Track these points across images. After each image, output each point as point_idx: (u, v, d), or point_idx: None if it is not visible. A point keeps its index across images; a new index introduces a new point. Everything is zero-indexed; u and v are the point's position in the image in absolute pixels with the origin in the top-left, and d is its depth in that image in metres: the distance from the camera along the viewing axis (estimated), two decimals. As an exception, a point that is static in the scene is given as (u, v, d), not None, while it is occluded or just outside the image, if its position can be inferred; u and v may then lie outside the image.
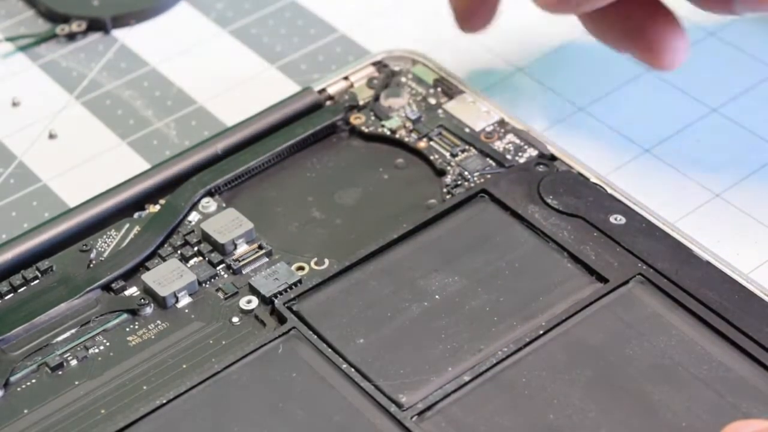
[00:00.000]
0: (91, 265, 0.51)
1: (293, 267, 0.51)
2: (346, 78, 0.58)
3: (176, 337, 0.49)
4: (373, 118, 0.57)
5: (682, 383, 0.46)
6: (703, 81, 0.59)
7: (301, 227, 0.53)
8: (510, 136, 0.55)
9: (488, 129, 0.56)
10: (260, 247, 0.52)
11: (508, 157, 0.54)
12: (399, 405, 0.45)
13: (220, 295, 0.50)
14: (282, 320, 0.49)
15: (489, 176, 0.53)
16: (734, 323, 0.47)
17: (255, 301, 0.50)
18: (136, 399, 0.47)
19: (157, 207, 0.54)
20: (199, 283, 0.50)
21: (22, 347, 0.49)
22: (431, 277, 0.50)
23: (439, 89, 0.58)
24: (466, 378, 0.46)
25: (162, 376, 0.47)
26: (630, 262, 0.49)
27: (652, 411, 0.45)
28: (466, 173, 0.54)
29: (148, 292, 0.50)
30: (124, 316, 0.50)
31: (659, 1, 0.52)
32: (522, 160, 0.54)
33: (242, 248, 0.52)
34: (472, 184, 0.53)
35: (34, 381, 0.48)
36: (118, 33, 0.64)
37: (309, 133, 0.56)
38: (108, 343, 0.49)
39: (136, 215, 0.53)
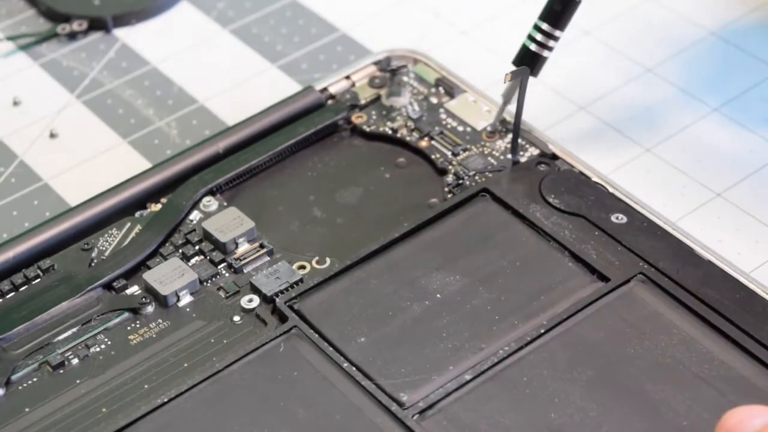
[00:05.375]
0: (93, 264, 0.51)
1: (294, 266, 0.51)
2: (347, 77, 0.58)
3: (177, 335, 0.49)
4: (374, 117, 0.57)
5: (683, 382, 0.46)
6: (703, 81, 0.59)
7: (303, 226, 0.53)
8: (511, 136, 0.55)
9: (489, 128, 0.56)
10: (261, 246, 0.52)
11: (509, 156, 0.54)
12: (400, 404, 0.45)
13: (222, 293, 0.50)
14: (283, 319, 0.49)
15: (490, 175, 0.54)
16: (735, 322, 0.47)
17: (256, 300, 0.50)
18: (138, 398, 0.47)
19: (159, 206, 0.54)
20: (201, 282, 0.50)
21: (24, 346, 0.49)
22: (432, 276, 0.50)
23: (440, 88, 0.58)
24: (468, 377, 0.46)
25: (163, 375, 0.47)
26: (631, 261, 0.49)
27: (654, 410, 0.45)
28: (467, 172, 0.54)
29: (149, 290, 0.50)
30: (126, 314, 0.50)
31: None
32: (523, 159, 0.54)
33: (243, 247, 0.52)
34: (474, 183, 0.53)
35: (35, 380, 0.48)
36: (119, 32, 0.64)
37: (310, 132, 0.56)
38: (109, 342, 0.49)
39: (137, 214, 0.53)
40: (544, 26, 0.53)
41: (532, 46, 0.53)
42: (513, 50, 0.54)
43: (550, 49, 0.53)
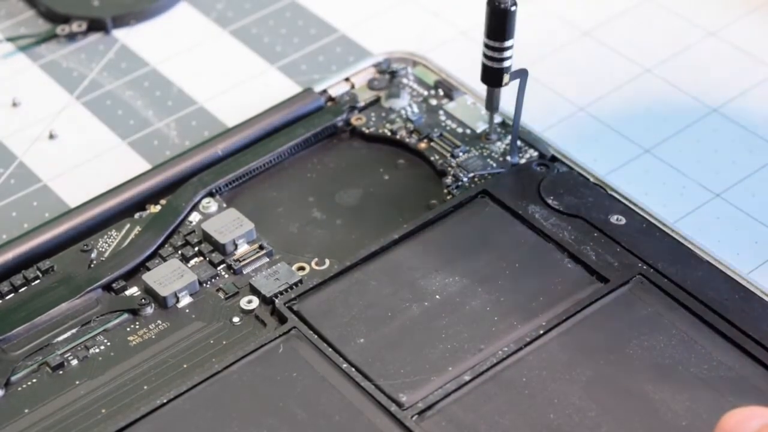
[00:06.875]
0: (92, 265, 0.51)
1: (294, 267, 0.51)
2: (347, 79, 0.58)
3: (177, 336, 0.49)
4: (373, 118, 0.57)
5: (682, 383, 0.46)
6: (703, 81, 0.59)
7: (302, 227, 0.53)
8: (510, 137, 0.55)
9: (485, 134, 0.56)
10: (261, 248, 0.52)
11: (509, 157, 0.54)
12: (399, 404, 0.45)
13: (221, 295, 0.50)
14: (282, 320, 0.49)
15: (489, 177, 0.54)
16: (734, 323, 0.47)
17: (255, 301, 0.50)
18: (137, 399, 0.47)
19: (158, 207, 0.54)
20: (200, 283, 0.51)
21: (23, 347, 0.49)
22: (432, 277, 0.50)
23: (439, 90, 0.58)
24: (467, 377, 0.46)
25: (162, 376, 0.47)
26: (630, 262, 0.49)
27: (653, 410, 0.45)
28: (466, 174, 0.54)
29: (148, 292, 0.50)
30: (125, 315, 0.50)
31: None
32: (522, 161, 0.54)
33: (243, 248, 0.52)
34: (473, 185, 0.53)
35: (34, 381, 0.48)
36: (118, 33, 0.64)
37: (310, 133, 0.56)
38: (109, 343, 0.49)
39: (136, 215, 0.53)
40: (491, 42, 0.53)
41: (489, 63, 0.53)
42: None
43: (507, 58, 0.53)
